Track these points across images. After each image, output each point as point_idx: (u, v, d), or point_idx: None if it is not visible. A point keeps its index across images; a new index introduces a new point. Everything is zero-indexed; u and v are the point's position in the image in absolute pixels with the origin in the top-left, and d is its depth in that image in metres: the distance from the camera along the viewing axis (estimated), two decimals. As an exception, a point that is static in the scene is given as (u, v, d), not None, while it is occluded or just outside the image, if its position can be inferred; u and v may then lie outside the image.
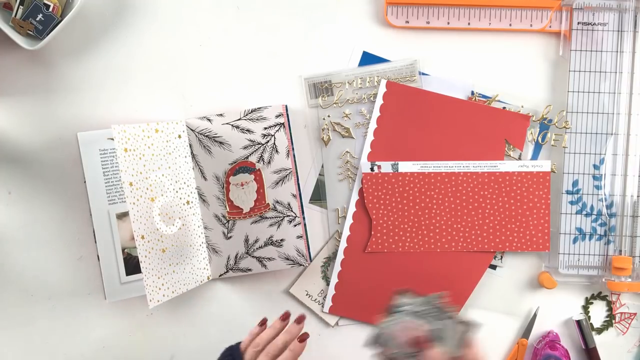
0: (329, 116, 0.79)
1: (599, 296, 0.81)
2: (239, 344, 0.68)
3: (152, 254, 0.72)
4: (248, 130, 0.77)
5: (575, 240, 0.79)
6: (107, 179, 0.76)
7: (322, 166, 0.80)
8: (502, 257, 0.80)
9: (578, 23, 0.77)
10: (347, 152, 0.80)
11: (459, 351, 0.56)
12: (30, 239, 0.79)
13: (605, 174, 0.78)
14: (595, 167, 0.78)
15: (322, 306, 0.81)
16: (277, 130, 0.77)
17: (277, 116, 0.76)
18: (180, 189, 0.77)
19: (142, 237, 0.71)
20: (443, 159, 0.78)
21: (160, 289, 0.73)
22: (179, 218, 0.77)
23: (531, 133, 0.78)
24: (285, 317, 0.69)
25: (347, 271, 0.79)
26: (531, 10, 0.77)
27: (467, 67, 0.79)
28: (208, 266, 0.80)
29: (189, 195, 0.78)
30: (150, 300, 0.71)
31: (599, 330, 0.81)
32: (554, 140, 0.78)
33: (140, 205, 0.71)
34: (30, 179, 0.79)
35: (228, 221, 0.79)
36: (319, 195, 0.81)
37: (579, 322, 0.79)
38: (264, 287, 0.81)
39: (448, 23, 0.78)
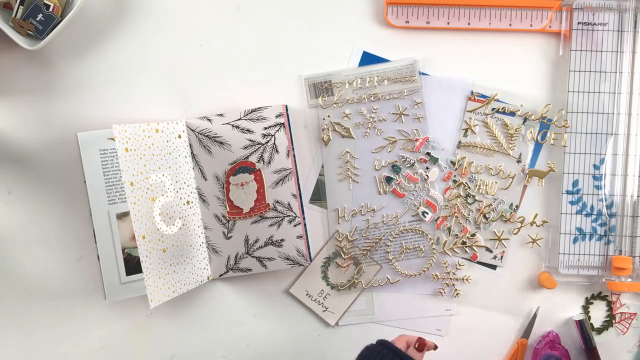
0: (329, 116, 0.79)
1: (599, 296, 0.81)
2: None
3: (153, 254, 0.72)
4: (248, 130, 0.77)
5: (575, 240, 0.79)
6: (107, 179, 0.76)
7: (322, 166, 0.80)
8: (502, 257, 0.80)
9: (578, 23, 0.77)
10: (347, 152, 0.80)
11: None
12: (30, 239, 0.79)
13: (605, 174, 0.78)
14: (595, 167, 0.78)
15: (322, 306, 0.81)
16: (277, 130, 0.77)
17: (277, 116, 0.76)
18: (180, 189, 0.77)
19: (143, 237, 0.71)
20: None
21: (161, 288, 0.73)
22: (179, 218, 0.77)
23: (530, 132, 0.79)
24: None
25: None
26: (531, 10, 0.77)
27: (467, 67, 0.79)
28: (208, 266, 0.80)
29: (189, 195, 0.78)
30: (152, 300, 0.71)
31: (599, 330, 0.81)
32: (553, 139, 0.78)
33: (141, 205, 0.71)
34: (30, 179, 0.79)
35: (228, 221, 0.79)
36: (319, 195, 0.81)
37: (579, 322, 0.79)
38: (264, 287, 0.81)
39: (448, 23, 0.78)
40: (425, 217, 0.80)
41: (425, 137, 0.79)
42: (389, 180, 0.80)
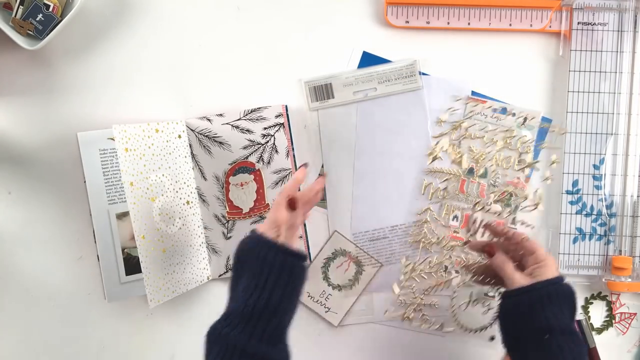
0: (329, 117, 0.79)
1: (599, 296, 0.81)
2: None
3: (153, 254, 0.72)
4: (248, 130, 0.77)
5: (575, 240, 0.79)
6: (107, 179, 0.76)
7: (322, 166, 0.80)
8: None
9: (578, 23, 0.77)
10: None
11: None
12: (30, 239, 0.79)
13: (605, 174, 0.78)
14: (595, 167, 0.78)
15: (324, 306, 0.80)
16: (277, 130, 0.77)
17: (277, 116, 0.76)
18: (180, 189, 0.77)
19: (143, 237, 0.71)
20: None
21: (160, 289, 0.73)
22: (179, 218, 0.77)
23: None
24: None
25: None
26: (531, 10, 0.77)
27: (467, 67, 0.79)
28: (208, 266, 0.80)
29: (188, 195, 0.78)
30: (151, 300, 0.71)
31: (599, 330, 0.81)
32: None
33: (140, 205, 0.71)
34: (30, 179, 0.79)
35: (228, 221, 0.79)
36: (319, 195, 0.81)
37: (579, 322, 0.79)
38: (264, 287, 0.81)
39: (448, 23, 0.78)
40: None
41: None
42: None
